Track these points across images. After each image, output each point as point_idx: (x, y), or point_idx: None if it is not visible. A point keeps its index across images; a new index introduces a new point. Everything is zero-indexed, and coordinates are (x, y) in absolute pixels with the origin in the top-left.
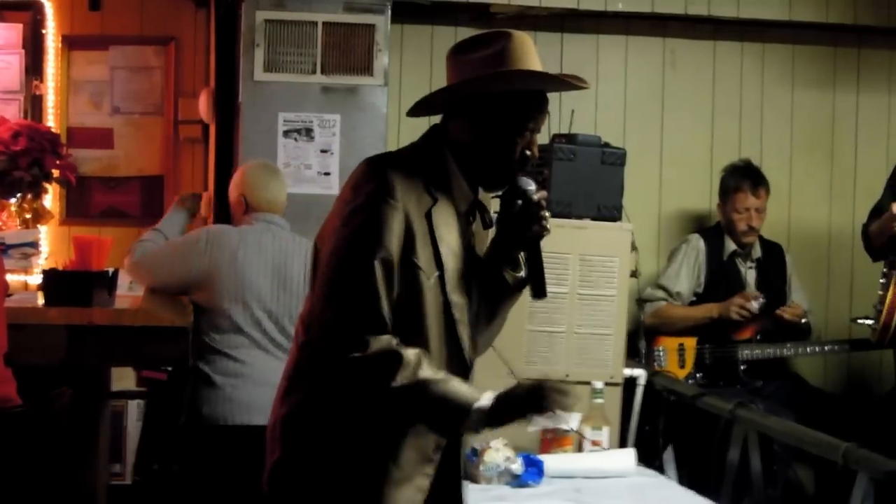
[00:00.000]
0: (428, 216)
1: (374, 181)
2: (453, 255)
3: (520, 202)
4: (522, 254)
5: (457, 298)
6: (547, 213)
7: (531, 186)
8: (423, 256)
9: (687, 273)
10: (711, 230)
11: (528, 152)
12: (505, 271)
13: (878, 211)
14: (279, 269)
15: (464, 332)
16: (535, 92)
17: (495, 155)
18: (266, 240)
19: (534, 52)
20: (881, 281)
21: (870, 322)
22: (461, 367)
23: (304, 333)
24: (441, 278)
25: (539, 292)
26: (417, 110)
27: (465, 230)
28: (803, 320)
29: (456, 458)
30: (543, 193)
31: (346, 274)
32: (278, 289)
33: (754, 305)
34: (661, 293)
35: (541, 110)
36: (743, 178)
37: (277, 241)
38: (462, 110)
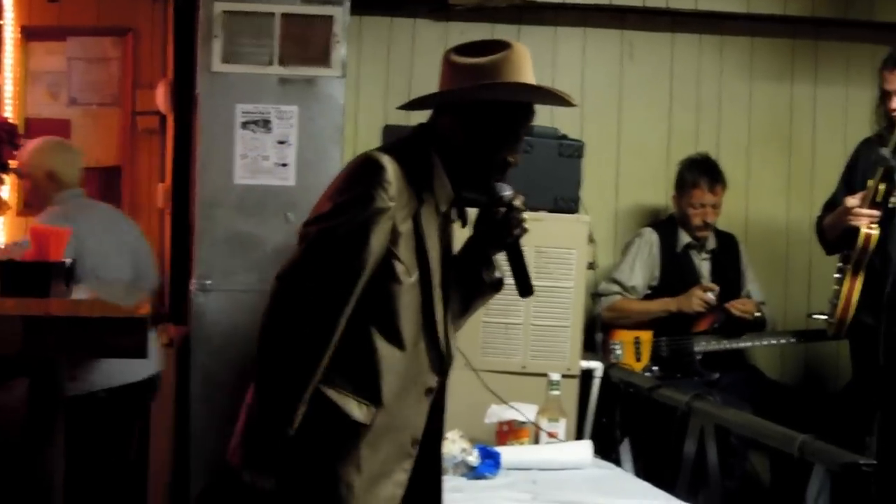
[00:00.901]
0: (416, 217)
1: (371, 178)
2: (436, 255)
3: (503, 210)
4: (501, 254)
5: (438, 297)
6: (525, 216)
7: (508, 192)
8: (407, 255)
9: (641, 266)
10: (665, 223)
11: (510, 159)
12: (483, 272)
13: (832, 204)
14: (121, 238)
15: (442, 330)
16: (526, 104)
17: (481, 158)
18: (101, 214)
19: (529, 65)
20: (836, 276)
21: (824, 317)
22: (438, 362)
23: None
24: (425, 278)
25: (526, 290)
26: (409, 105)
27: (444, 229)
28: (757, 314)
29: (436, 453)
30: (521, 198)
31: (318, 267)
32: (123, 255)
33: (711, 297)
34: (615, 287)
35: (529, 121)
36: (700, 173)
37: (108, 212)
38: (455, 111)
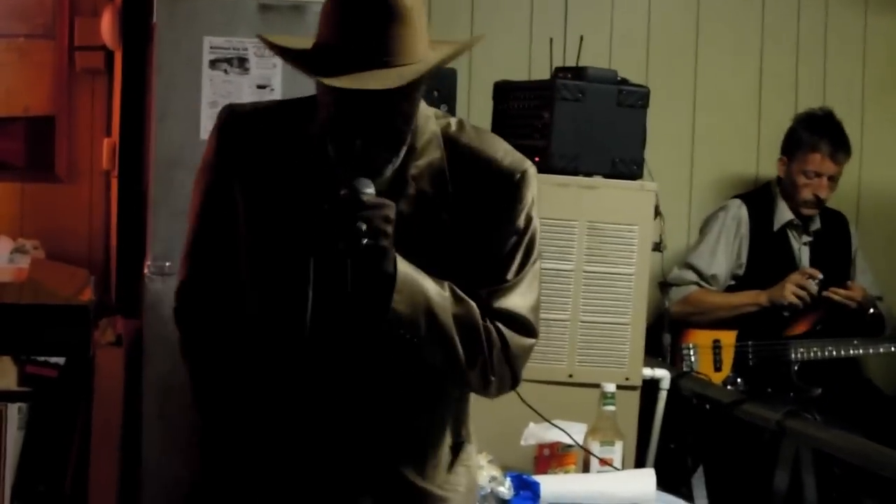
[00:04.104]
0: (279, 175)
1: (213, 130)
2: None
3: (326, 206)
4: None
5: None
6: (363, 227)
7: (370, 189)
8: (256, 217)
9: (725, 250)
10: (758, 193)
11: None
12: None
13: None
14: None
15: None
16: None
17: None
18: None
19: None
20: None
21: None
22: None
23: None
24: (268, 238)
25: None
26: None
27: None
28: (871, 310)
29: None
30: (371, 192)
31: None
32: None
33: (812, 284)
34: (691, 275)
35: (361, 109)
36: (822, 135)
37: None
38: None
